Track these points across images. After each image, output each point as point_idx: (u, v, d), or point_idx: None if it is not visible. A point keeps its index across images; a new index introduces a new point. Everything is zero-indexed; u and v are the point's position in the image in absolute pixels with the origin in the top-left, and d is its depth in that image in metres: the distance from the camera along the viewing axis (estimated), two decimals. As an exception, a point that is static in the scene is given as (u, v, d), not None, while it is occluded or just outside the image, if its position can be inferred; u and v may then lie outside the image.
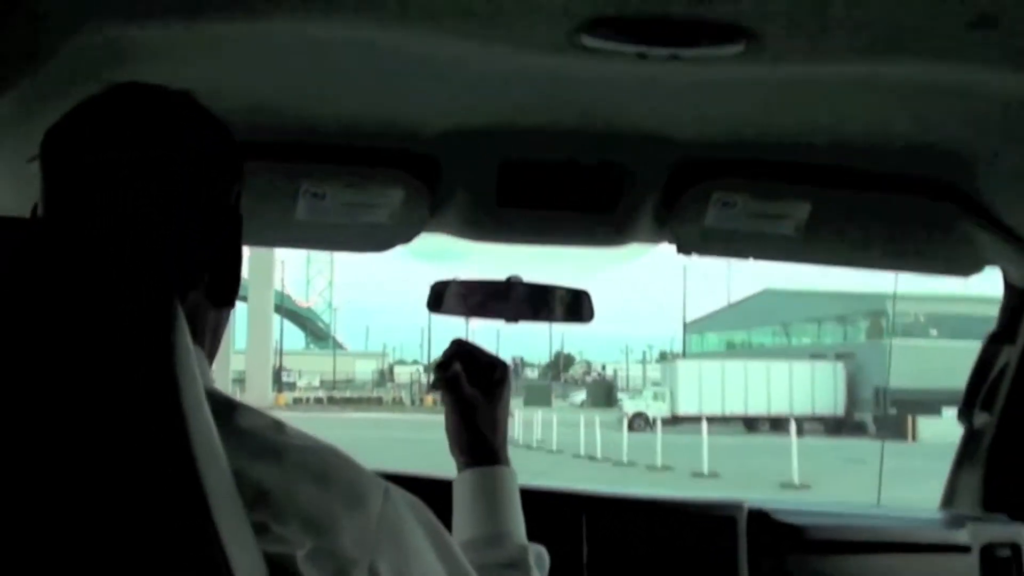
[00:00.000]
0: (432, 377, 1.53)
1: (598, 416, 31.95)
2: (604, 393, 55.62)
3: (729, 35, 1.32)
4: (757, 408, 41.00)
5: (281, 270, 66.54)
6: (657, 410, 38.37)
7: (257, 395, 48.13)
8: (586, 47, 1.38)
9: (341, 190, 1.89)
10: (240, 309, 51.04)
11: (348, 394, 58.86)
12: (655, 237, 2.06)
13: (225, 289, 1.09)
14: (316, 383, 67.35)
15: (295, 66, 1.57)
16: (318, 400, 53.57)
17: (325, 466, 1.01)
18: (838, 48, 1.36)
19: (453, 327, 1.95)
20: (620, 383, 65.25)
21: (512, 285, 1.91)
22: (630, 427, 37.35)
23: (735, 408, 40.56)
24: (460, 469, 1.47)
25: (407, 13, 1.32)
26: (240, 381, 53.01)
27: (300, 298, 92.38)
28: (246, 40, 1.45)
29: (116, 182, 1.02)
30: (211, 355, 1.12)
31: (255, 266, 49.83)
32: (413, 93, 1.67)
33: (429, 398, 54.22)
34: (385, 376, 78.75)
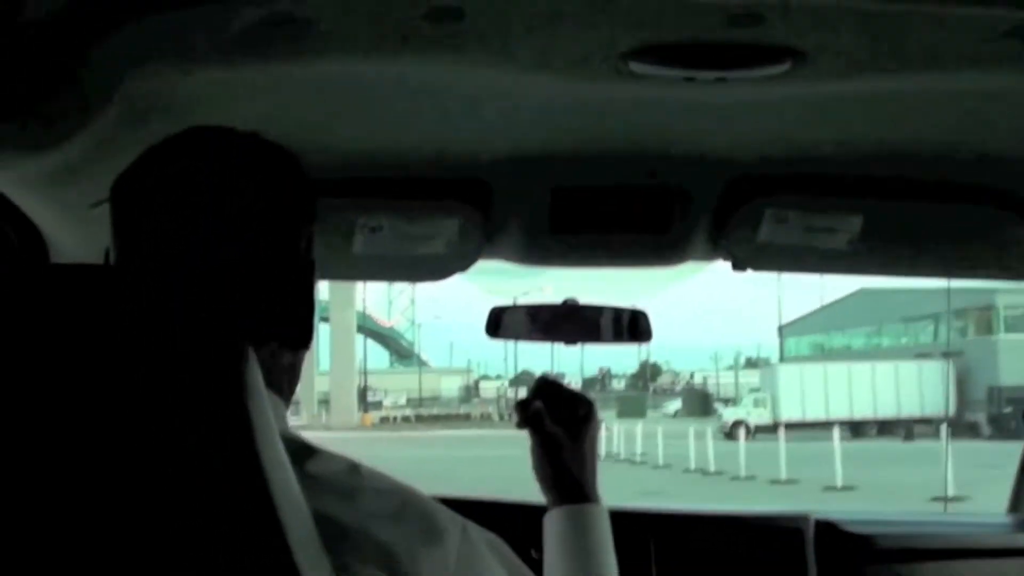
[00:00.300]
0: (516, 400, 1.57)
1: (693, 426, 30.64)
2: (699, 402, 53.72)
3: (775, 56, 1.33)
4: (863, 411, 39.10)
5: (362, 290, 66.15)
6: (758, 417, 36.83)
7: (343, 416, 47.43)
8: (634, 73, 1.39)
9: (397, 222, 1.92)
10: (322, 330, 51.42)
11: (435, 411, 57.88)
12: (709, 255, 2.06)
13: (300, 332, 1.08)
14: (402, 401, 66.85)
15: (347, 104, 1.59)
16: (405, 419, 52.53)
17: (402, 505, 1.03)
18: (882, 62, 1.37)
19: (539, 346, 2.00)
20: (711, 391, 63.39)
21: (569, 308, 1.95)
22: (729, 436, 35.98)
23: (840, 412, 38.32)
24: (549, 507, 1.46)
25: (459, 49, 1.33)
26: (325, 402, 52.66)
27: (382, 318, 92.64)
28: (298, 81, 1.47)
29: (187, 227, 1.02)
30: (288, 396, 1.13)
31: (336, 287, 49.24)
32: (465, 124, 1.69)
33: (518, 413, 53.37)
34: (471, 392, 78.51)
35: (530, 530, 1.51)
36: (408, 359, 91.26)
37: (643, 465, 27.22)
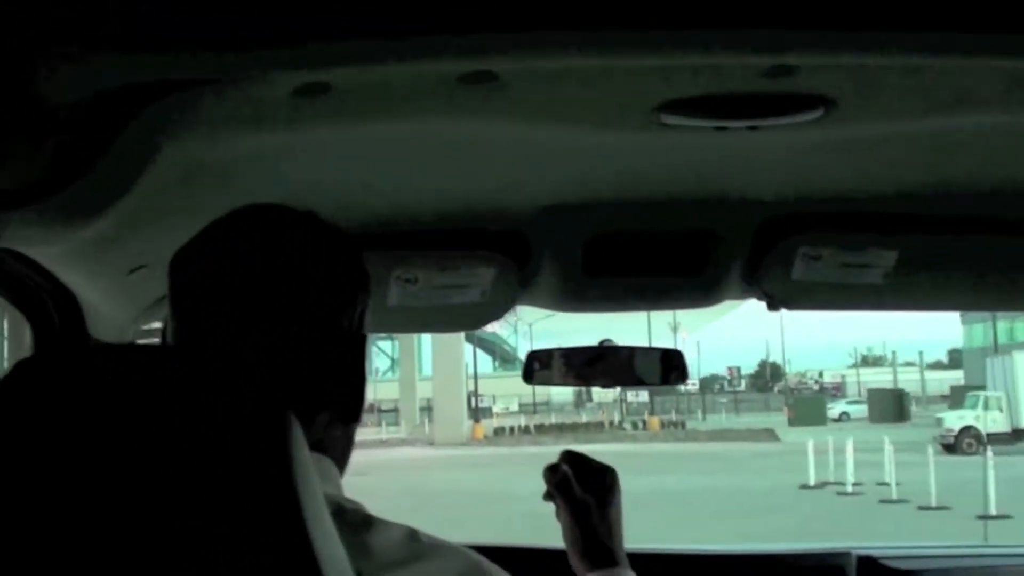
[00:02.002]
0: (546, 477, 1.58)
1: (886, 435, 22.68)
2: (891, 404, 43.47)
3: (806, 104, 1.36)
4: None
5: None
6: (992, 423, 28.60)
7: (449, 428, 40.12)
8: (667, 124, 1.40)
9: (432, 273, 1.92)
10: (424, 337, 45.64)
11: (553, 420, 50.21)
12: (743, 295, 2.04)
13: (351, 407, 1.13)
14: (514, 407, 61.21)
15: (383, 162, 1.61)
16: (524, 429, 45.10)
17: (463, 570, 1.06)
18: (912, 106, 1.39)
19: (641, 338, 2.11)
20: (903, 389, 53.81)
21: (603, 350, 2.03)
22: (954, 449, 27.94)
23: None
24: (581, 574, 1.52)
25: (494, 108, 1.35)
26: (428, 409, 45.97)
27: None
28: (334, 143, 1.48)
29: (243, 306, 1.07)
30: (342, 466, 1.16)
31: None
32: (500, 176, 1.71)
33: (654, 421, 45.49)
34: (583, 396, 71.93)
35: None
36: (511, 364, 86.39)
37: (858, 497, 19.78)
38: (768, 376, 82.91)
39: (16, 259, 1.52)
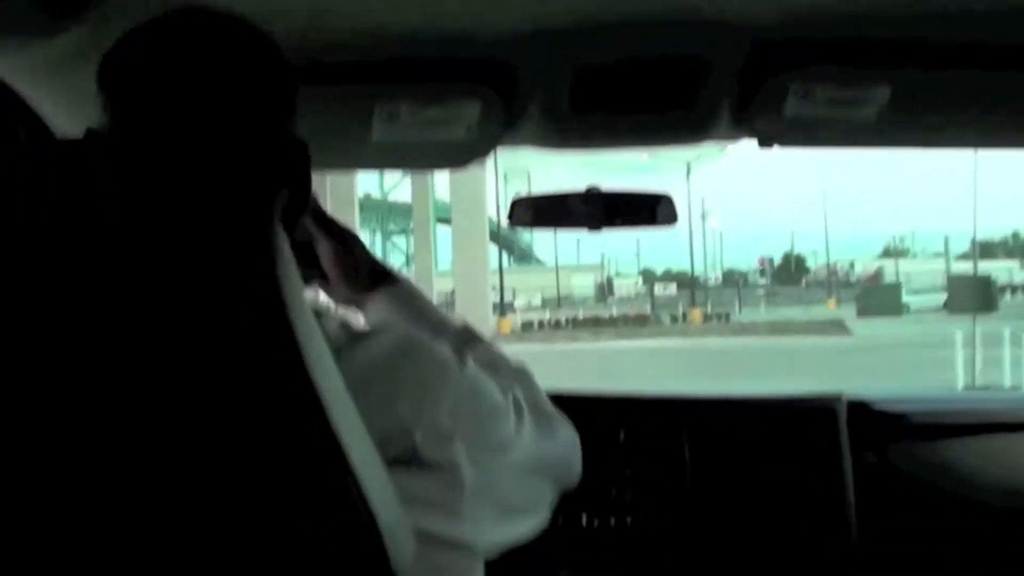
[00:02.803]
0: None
1: (978, 327, 19.29)
2: (978, 292, 37.19)
3: None
4: None
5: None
6: None
7: (474, 323, 36.96)
8: None
9: (416, 107, 1.88)
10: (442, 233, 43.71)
11: (581, 314, 47.16)
12: (734, 133, 2.01)
13: (294, 212, 1.13)
14: (537, 302, 58.24)
15: None
16: (554, 323, 41.77)
17: (399, 343, 1.11)
18: None
19: (665, 237, 2.54)
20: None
21: (591, 195, 2.05)
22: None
23: None
24: (361, 295, 1.48)
25: None
26: (448, 305, 43.28)
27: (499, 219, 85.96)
28: None
29: (178, 107, 1.04)
30: None
31: (458, 185, 40.21)
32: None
33: (696, 313, 42.34)
34: (605, 290, 70.24)
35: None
36: (528, 260, 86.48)
37: None
38: (793, 268, 79.90)
39: None
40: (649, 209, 2.05)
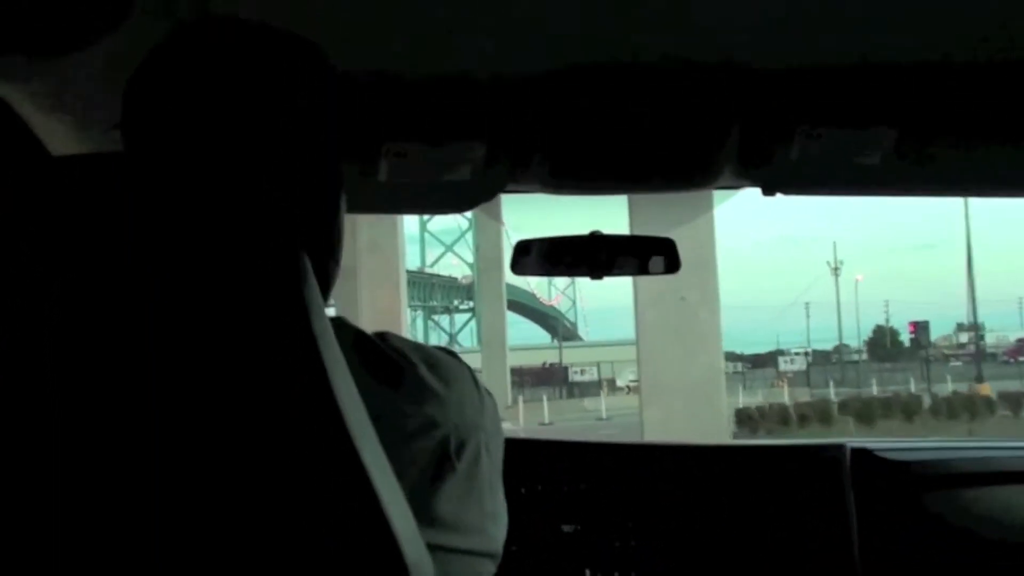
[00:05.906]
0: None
1: None
2: None
3: None
4: None
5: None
6: None
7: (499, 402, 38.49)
8: None
9: (423, 148, 1.89)
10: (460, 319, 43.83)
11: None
12: (738, 181, 2.02)
13: (328, 241, 1.10)
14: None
15: (374, 24, 1.62)
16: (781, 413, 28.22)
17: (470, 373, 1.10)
18: None
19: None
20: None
21: (595, 240, 2.02)
22: None
23: None
24: None
25: None
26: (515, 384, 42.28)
27: (544, 296, 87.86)
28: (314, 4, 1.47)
29: (203, 125, 0.99)
30: None
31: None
32: (492, 40, 1.69)
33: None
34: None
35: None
36: (571, 340, 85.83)
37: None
38: (888, 343, 70.74)
39: None
40: (652, 255, 2.02)
